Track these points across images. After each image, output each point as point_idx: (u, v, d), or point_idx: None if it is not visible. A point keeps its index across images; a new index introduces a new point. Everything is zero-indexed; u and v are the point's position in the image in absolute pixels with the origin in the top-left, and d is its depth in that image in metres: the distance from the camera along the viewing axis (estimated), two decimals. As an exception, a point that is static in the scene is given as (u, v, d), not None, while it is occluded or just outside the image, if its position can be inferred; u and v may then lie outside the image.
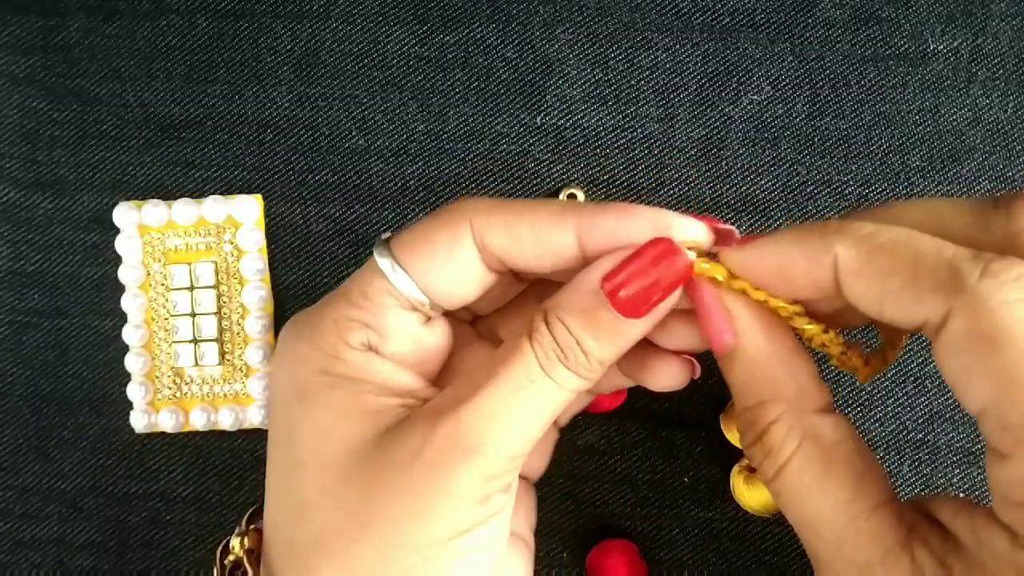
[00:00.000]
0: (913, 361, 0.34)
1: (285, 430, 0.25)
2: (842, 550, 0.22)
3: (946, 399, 0.34)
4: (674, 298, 0.24)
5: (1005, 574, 0.20)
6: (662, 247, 0.23)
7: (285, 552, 0.25)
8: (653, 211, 0.24)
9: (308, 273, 0.35)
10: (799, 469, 0.23)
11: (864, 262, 0.22)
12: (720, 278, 0.24)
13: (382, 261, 0.25)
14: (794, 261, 0.23)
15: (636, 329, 0.24)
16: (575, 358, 0.24)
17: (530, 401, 0.24)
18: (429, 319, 0.26)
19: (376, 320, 0.25)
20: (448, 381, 0.26)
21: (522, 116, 0.35)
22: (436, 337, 0.27)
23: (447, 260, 0.25)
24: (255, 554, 0.27)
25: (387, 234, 0.26)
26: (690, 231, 0.24)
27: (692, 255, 0.24)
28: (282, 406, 0.26)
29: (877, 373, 0.26)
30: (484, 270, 0.25)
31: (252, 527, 0.27)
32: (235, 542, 0.27)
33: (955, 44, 0.34)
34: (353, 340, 0.25)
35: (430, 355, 0.27)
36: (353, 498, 0.23)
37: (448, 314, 0.27)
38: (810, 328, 0.24)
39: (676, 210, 0.34)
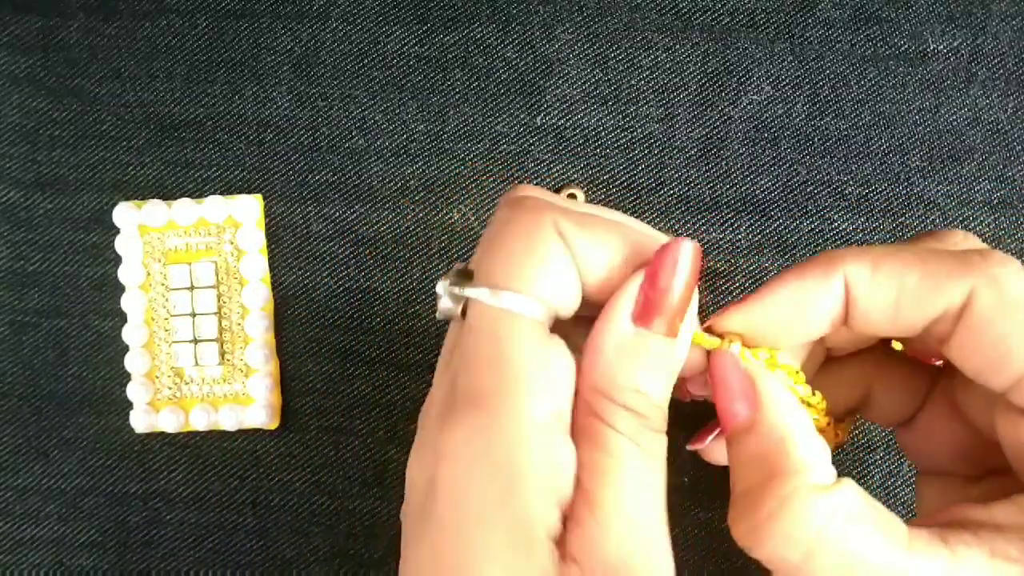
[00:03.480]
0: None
1: (444, 560, 0.21)
2: None
3: (946, 399, 0.34)
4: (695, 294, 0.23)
5: None
6: (673, 256, 0.22)
7: None
8: (636, 232, 0.23)
9: (308, 273, 0.35)
10: (829, 541, 0.21)
11: (875, 270, 0.23)
12: (751, 357, 0.24)
13: (487, 293, 0.21)
14: (805, 295, 0.23)
15: (685, 342, 0.23)
16: (656, 417, 0.22)
17: (653, 497, 0.22)
18: None
19: (558, 377, 0.22)
20: None
21: (522, 116, 0.35)
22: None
23: (566, 272, 0.22)
24: None
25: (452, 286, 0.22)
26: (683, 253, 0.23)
27: (737, 346, 0.23)
28: (447, 521, 0.21)
29: (836, 446, 0.27)
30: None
31: None
32: None
33: (955, 44, 0.35)
34: (544, 415, 0.21)
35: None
36: None
37: None
38: (803, 389, 0.24)
39: (676, 210, 0.35)
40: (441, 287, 0.22)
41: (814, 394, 0.25)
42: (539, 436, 0.21)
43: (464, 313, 0.22)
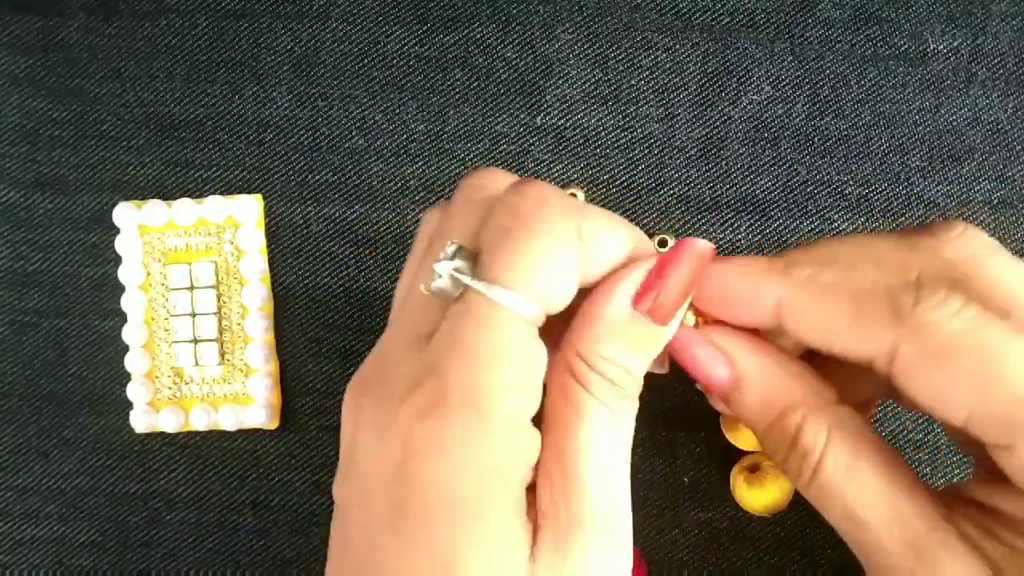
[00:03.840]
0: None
1: (436, 555, 0.21)
2: (891, 532, 0.23)
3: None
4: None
5: None
6: (690, 252, 0.23)
7: None
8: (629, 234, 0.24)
9: (308, 273, 0.35)
10: (834, 461, 0.23)
11: (807, 307, 0.23)
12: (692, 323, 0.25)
13: (504, 294, 0.21)
14: (737, 294, 0.24)
15: (673, 328, 0.24)
16: (630, 386, 0.23)
17: (622, 458, 0.23)
18: None
19: (540, 375, 0.22)
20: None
21: (522, 116, 0.35)
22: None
23: (554, 257, 0.22)
24: None
25: (454, 264, 0.22)
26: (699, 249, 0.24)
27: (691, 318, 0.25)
28: (435, 515, 0.21)
29: None
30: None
31: None
32: None
33: (955, 44, 0.35)
34: (528, 409, 0.22)
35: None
36: None
37: None
38: None
39: (676, 210, 0.35)
40: (444, 267, 0.22)
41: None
42: (526, 436, 0.22)
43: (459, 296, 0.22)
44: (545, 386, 0.23)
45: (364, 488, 0.22)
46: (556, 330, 0.23)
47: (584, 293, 0.23)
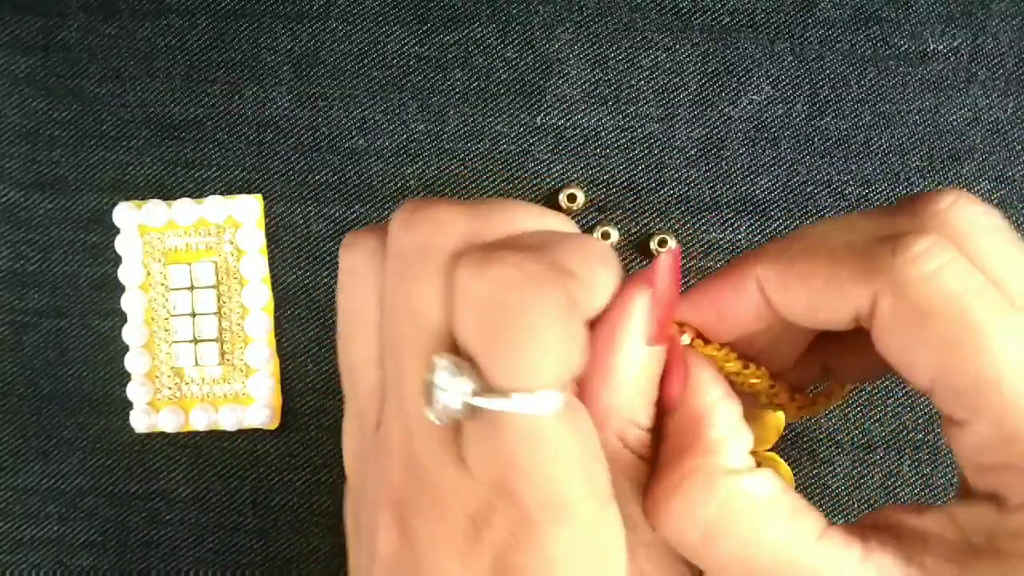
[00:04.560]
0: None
1: None
2: None
3: (946, 399, 0.34)
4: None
5: (1003, 544, 0.20)
6: (664, 267, 0.22)
7: None
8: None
9: (308, 273, 0.35)
10: (730, 522, 0.22)
11: (783, 273, 0.22)
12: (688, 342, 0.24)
13: (529, 402, 0.20)
14: (724, 297, 0.23)
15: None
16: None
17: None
18: None
19: None
20: None
21: (522, 116, 0.35)
22: None
23: (556, 343, 0.21)
24: None
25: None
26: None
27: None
28: None
29: (806, 414, 0.26)
30: None
31: None
32: None
33: (955, 44, 0.34)
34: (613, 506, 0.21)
35: None
36: None
37: None
38: (732, 366, 0.24)
39: (676, 210, 0.35)
40: (452, 398, 0.20)
41: (747, 367, 0.25)
42: (613, 514, 0.21)
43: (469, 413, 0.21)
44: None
45: None
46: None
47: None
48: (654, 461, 0.23)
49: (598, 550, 0.21)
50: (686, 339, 0.24)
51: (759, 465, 0.34)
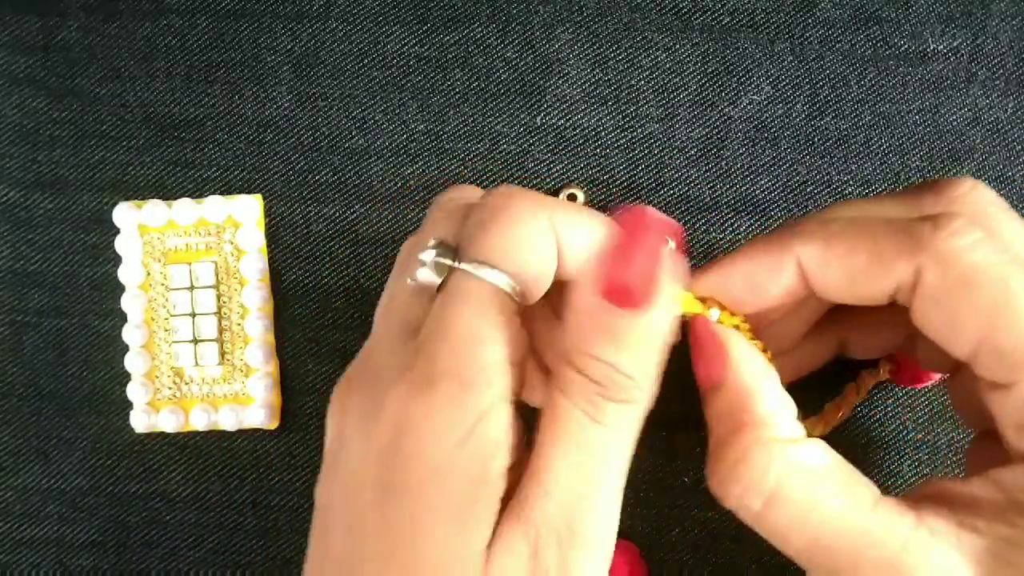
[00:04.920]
0: (913, 361, 0.34)
1: (396, 518, 0.21)
2: (866, 556, 0.22)
3: (946, 399, 0.34)
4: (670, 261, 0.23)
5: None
6: (634, 221, 0.23)
7: None
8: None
9: (308, 273, 0.35)
10: (789, 490, 0.23)
11: (825, 251, 0.24)
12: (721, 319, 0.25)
13: (485, 270, 0.22)
14: (760, 271, 0.24)
15: (660, 316, 0.23)
16: (619, 386, 0.22)
17: (598, 464, 0.22)
18: None
19: (520, 353, 0.23)
20: None
21: (522, 116, 0.35)
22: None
23: (525, 236, 0.23)
24: None
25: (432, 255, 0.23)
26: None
27: (715, 312, 0.25)
28: (398, 483, 0.21)
29: (828, 428, 0.27)
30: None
31: None
32: None
33: (955, 44, 0.35)
34: (505, 389, 0.22)
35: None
36: None
37: None
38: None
39: (676, 210, 0.35)
40: (428, 256, 0.23)
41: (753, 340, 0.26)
42: (504, 411, 0.22)
43: (440, 286, 0.23)
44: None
45: (350, 478, 0.22)
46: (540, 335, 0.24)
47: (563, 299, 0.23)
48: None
49: (474, 428, 0.21)
50: (714, 313, 0.25)
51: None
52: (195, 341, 0.35)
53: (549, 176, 0.35)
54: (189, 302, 0.35)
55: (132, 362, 0.35)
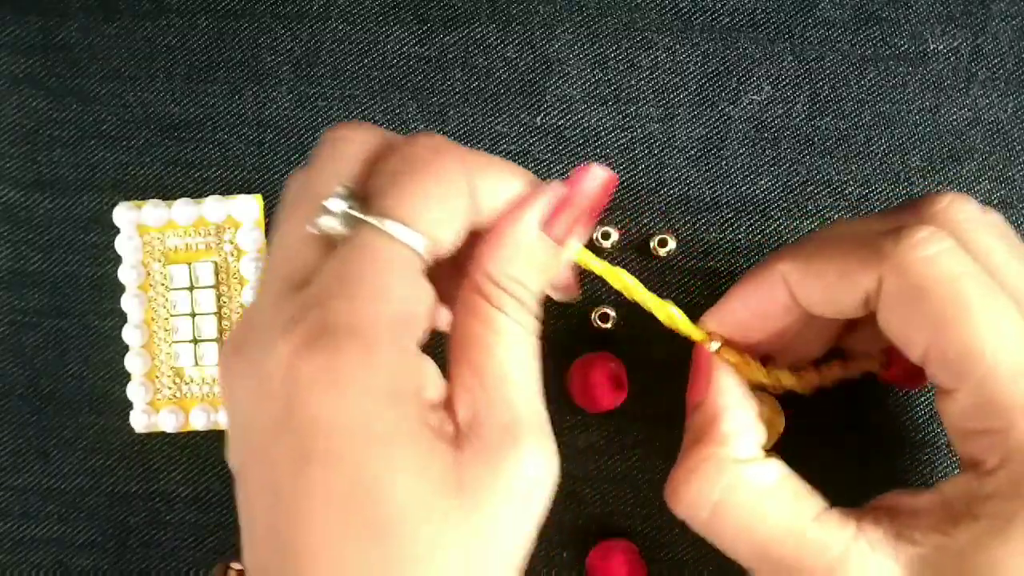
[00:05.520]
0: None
1: (354, 485, 0.20)
2: (803, 561, 0.24)
3: (946, 399, 0.34)
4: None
5: (978, 507, 0.23)
6: (594, 178, 0.25)
7: None
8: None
9: (308, 273, 0.35)
10: (734, 503, 0.25)
11: (802, 270, 0.26)
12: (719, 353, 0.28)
13: (396, 226, 0.22)
14: (755, 296, 0.27)
15: (568, 254, 0.25)
16: (530, 301, 0.24)
17: (531, 359, 0.24)
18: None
19: (428, 305, 0.23)
20: None
21: (522, 116, 0.35)
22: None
23: (443, 197, 0.23)
24: None
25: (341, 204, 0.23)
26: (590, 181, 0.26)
27: (715, 344, 0.28)
28: (338, 448, 0.20)
29: (801, 386, 0.29)
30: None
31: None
32: None
33: (955, 44, 0.35)
34: (411, 344, 0.22)
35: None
36: (465, 537, 0.21)
37: None
38: (755, 369, 0.28)
39: (676, 210, 0.35)
40: (336, 205, 0.22)
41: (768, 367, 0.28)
42: (415, 362, 0.22)
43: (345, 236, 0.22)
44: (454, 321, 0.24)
45: (256, 443, 0.21)
46: (445, 281, 0.24)
47: (471, 244, 0.25)
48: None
49: (388, 383, 0.21)
50: (715, 346, 0.28)
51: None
52: (195, 341, 0.35)
53: (549, 176, 0.35)
54: (189, 302, 0.35)
55: (132, 362, 0.35)
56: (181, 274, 0.35)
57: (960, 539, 0.22)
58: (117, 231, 0.35)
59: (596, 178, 0.25)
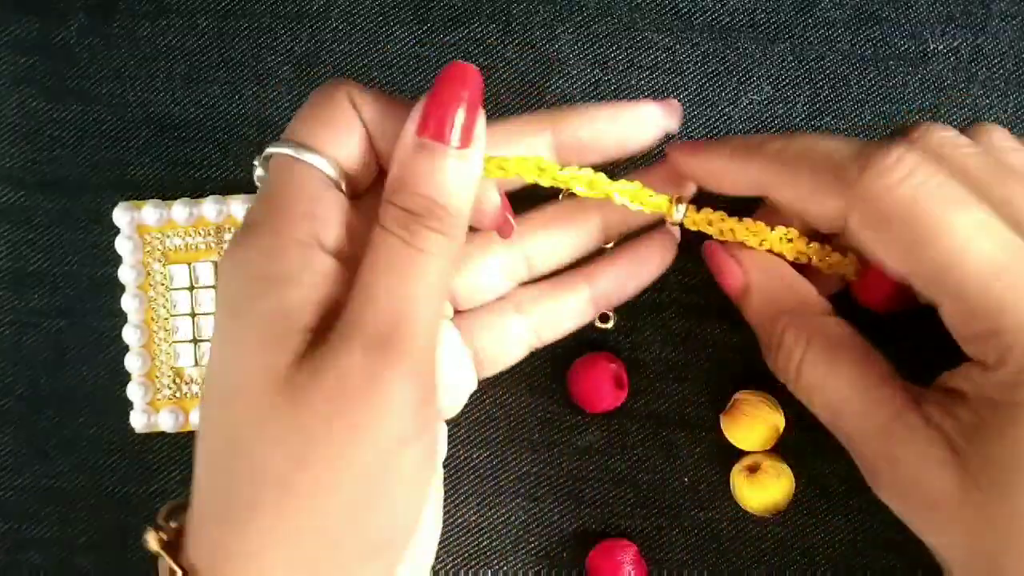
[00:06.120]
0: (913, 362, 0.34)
1: (217, 351, 0.24)
2: (863, 420, 0.26)
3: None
4: (482, 113, 0.25)
5: (984, 392, 0.24)
6: (453, 72, 0.25)
7: (218, 500, 0.24)
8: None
9: (308, 273, 0.35)
10: (812, 362, 0.27)
11: (776, 175, 0.27)
12: (715, 236, 0.29)
13: (285, 145, 0.25)
14: (727, 171, 0.28)
15: (473, 155, 0.25)
16: (435, 216, 0.24)
17: (413, 285, 0.24)
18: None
19: (320, 208, 0.25)
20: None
21: (522, 116, 0.35)
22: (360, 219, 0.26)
23: (350, 130, 0.25)
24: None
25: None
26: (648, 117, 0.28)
27: (682, 209, 0.29)
28: (216, 323, 0.24)
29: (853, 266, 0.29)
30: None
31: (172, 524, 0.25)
32: (151, 538, 0.25)
33: (955, 44, 0.35)
34: (300, 233, 0.24)
35: (358, 242, 0.25)
36: (288, 431, 0.23)
37: None
38: (792, 245, 0.28)
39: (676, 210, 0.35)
40: (257, 160, 0.26)
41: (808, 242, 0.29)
42: (295, 249, 0.24)
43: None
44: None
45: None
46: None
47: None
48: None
49: (270, 266, 0.24)
50: (681, 210, 0.29)
51: (760, 466, 0.34)
52: (195, 341, 0.35)
53: (549, 176, 0.35)
54: (189, 302, 0.35)
55: (132, 362, 0.35)
56: (181, 274, 0.35)
57: (989, 421, 0.24)
58: (117, 231, 0.35)
59: (456, 70, 0.25)
